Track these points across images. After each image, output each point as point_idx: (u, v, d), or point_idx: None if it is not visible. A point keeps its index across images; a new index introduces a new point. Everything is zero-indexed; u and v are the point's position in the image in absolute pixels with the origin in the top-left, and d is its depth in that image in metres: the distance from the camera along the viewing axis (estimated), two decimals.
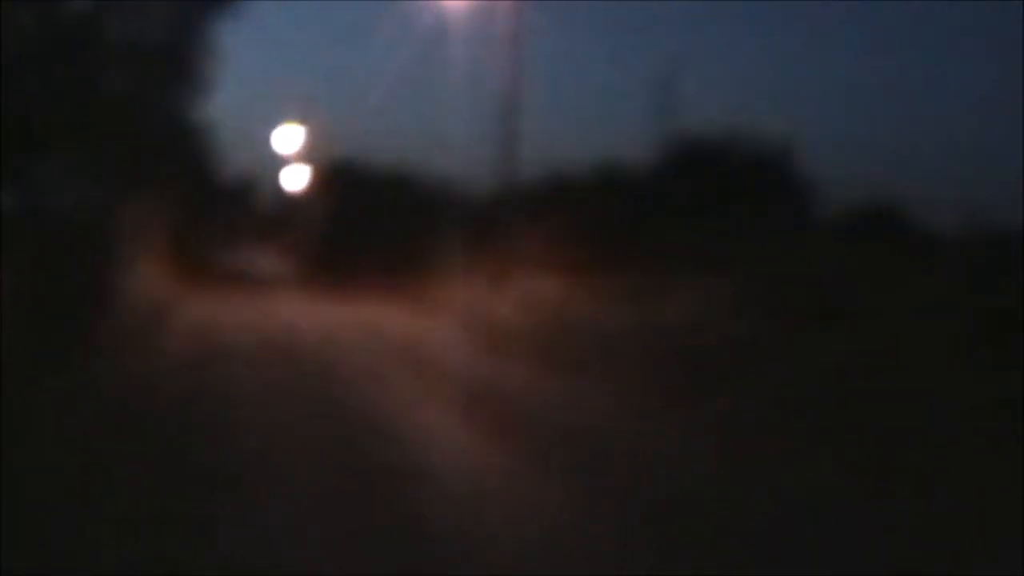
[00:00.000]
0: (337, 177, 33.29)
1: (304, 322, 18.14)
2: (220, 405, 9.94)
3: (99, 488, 6.53)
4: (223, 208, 38.71)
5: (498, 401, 10.87)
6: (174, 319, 16.58)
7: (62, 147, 11.67)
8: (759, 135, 23.70)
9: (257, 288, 27.46)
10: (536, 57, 17.86)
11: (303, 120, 40.69)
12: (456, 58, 20.22)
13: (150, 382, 10.86)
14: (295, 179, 41.58)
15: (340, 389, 11.39)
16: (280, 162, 42.46)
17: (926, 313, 11.88)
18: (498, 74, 19.66)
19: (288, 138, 40.98)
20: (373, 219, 28.15)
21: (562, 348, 13.47)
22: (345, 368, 13.08)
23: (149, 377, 11.09)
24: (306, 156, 41.33)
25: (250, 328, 16.87)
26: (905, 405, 9.31)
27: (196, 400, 10.04)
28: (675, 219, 22.02)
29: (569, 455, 8.20)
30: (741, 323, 12.83)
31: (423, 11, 20.90)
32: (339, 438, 8.66)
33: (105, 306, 12.16)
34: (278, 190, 45.60)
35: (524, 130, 19.70)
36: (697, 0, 19.14)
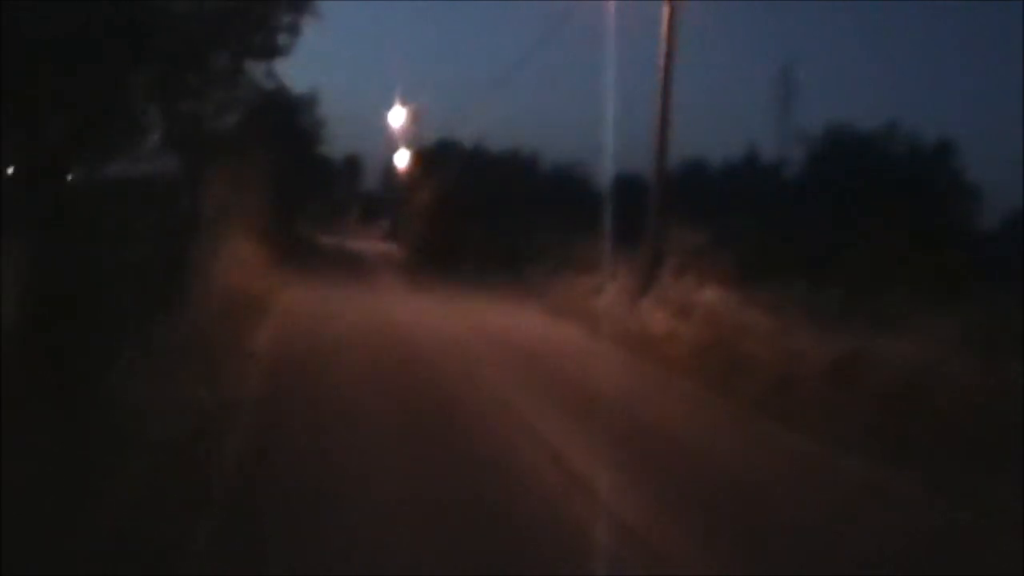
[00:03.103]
0: (451, 159, 31.36)
1: (413, 320, 15.67)
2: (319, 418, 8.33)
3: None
4: (327, 187, 37.19)
5: (660, 437, 8.73)
6: (264, 309, 14.39)
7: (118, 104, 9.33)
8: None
9: (359, 274, 25.61)
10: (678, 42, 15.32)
11: (415, 100, 39.07)
12: (586, 40, 18.13)
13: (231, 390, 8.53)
14: (405, 160, 39.66)
15: (458, 411, 9.05)
16: (391, 142, 40.79)
17: None
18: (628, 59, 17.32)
19: (399, 118, 39.25)
20: (492, 206, 26.05)
21: (738, 373, 10.78)
22: (462, 382, 10.65)
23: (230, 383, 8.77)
24: (417, 137, 39.59)
25: (349, 322, 14.63)
26: None
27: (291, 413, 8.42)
28: (840, 218, 19.58)
29: (751, 517, 6.47)
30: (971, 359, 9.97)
31: None
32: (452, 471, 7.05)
33: (177, 299, 9.89)
34: (387, 171, 43.95)
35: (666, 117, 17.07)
36: None
